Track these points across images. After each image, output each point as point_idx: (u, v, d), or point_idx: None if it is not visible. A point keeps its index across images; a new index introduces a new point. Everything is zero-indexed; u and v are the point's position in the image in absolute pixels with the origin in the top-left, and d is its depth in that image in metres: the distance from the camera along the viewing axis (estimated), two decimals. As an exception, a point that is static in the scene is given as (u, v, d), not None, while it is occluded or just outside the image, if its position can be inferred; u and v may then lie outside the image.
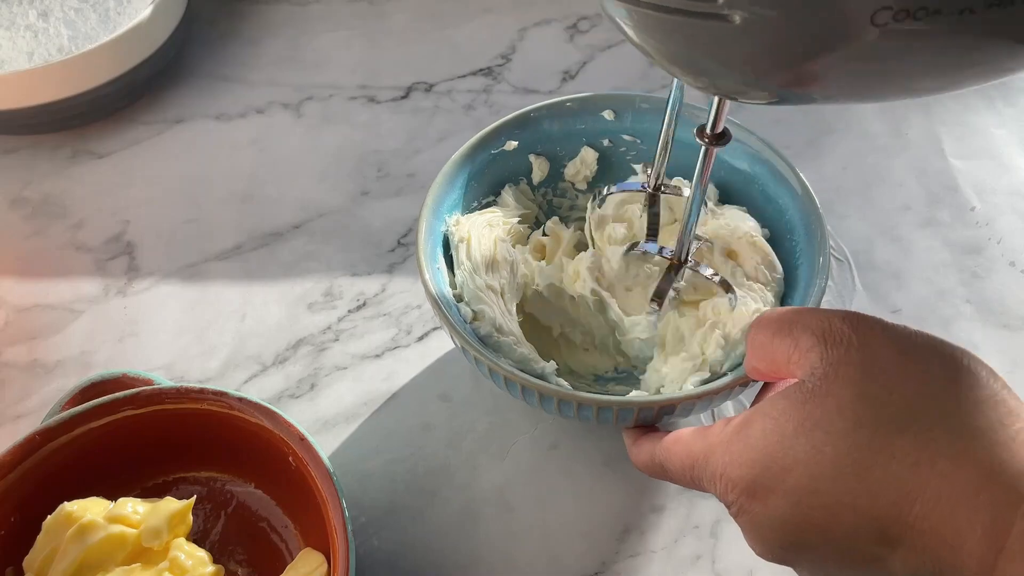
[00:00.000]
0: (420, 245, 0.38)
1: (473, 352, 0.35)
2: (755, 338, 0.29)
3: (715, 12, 0.21)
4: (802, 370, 0.26)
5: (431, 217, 0.39)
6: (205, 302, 0.49)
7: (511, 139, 0.43)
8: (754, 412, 0.26)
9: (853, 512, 0.23)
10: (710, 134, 0.31)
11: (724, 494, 0.27)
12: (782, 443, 0.25)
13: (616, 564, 0.39)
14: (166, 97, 0.61)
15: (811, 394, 0.25)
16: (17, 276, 0.51)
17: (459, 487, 0.41)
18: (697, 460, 0.28)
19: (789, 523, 0.25)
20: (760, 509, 0.25)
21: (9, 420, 0.44)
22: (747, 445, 0.26)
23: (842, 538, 0.24)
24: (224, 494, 0.39)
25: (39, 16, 0.58)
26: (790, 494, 0.24)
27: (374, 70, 0.62)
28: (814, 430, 0.24)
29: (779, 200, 0.41)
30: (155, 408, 0.36)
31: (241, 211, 0.54)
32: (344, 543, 0.32)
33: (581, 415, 0.35)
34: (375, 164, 0.56)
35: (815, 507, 0.24)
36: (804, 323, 0.27)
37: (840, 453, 0.24)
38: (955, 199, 0.53)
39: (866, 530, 0.23)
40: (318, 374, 0.46)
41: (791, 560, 0.26)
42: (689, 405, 0.34)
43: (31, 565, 0.33)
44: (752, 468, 0.25)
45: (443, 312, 0.36)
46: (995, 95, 0.59)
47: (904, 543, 0.23)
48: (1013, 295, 0.48)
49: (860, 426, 0.24)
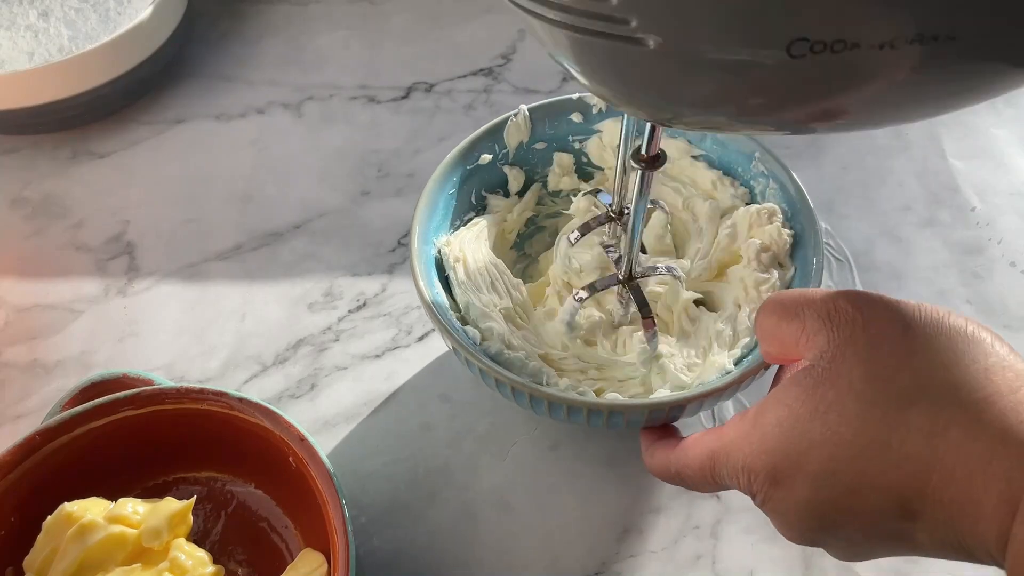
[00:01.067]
0: (416, 271, 0.37)
1: (478, 364, 0.35)
2: (763, 324, 0.29)
3: (629, 35, 0.21)
4: (811, 352, 0.26)
5: (421, 244, 0.39)
6: (205, 302, 0.49)
7: (485, 152, 0.43)
8: (768, 401, 0.27)
9: (874, 490, 0.24)
10: (645, 157, 0.31)
11: (748, 485, 0.27)
12: (798, 428, 0.25)
13: (616, 564, 0.39)
14: (166, 97, 0.61)
15: (822, 377, 0.25)
16: (17, 276, 0.51)
17: (459, 487, 0.41)
18: (718, 458, 0.28)
19: (814, 506, 0.25)
20: (785, 495, 0.26)
21: (9, 420, 0.44)
22: (764, 434, 0.26)
23: (867, 516, 0.24)
24: (224, 494, 0.39)
25: (39, 16, 0.58)
26: (812, 478, 0.25)
27: (374, 70, 0.62)
28: (828, 412, 0.25)
29: (758, 182, 0.41)
30: (155, 408, 0.36)
31: (241, 211, 0.54)
32: (344, 543, 0.32)
33: (591, 422, 0.35)
34: (375, 164, 0.56)
35: (837, 488, 0.24)
36: (810, 305, 0.27)
37: (856, 433, 0.24)
38: (955, 199, 0.53)
39: (889, 506, 0.24)
40: (318, 374, 0.46)
41: (821, 541, 0.27)
42: (698, 404, 0.34)
43: (31, 565, 0.33)
44: (772, 456, 0.26)
45: (440, 321, 0.36)
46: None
47: (926, 515, 0.23)
48: (1014, 295, 0.48)
49: (873, 404, 0.24)
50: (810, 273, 0.37)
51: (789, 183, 0.39)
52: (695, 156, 0.43)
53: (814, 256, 0.37)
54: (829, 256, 0.50)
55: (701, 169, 0.43)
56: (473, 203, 0.44)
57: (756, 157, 0.41)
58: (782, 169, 0.40)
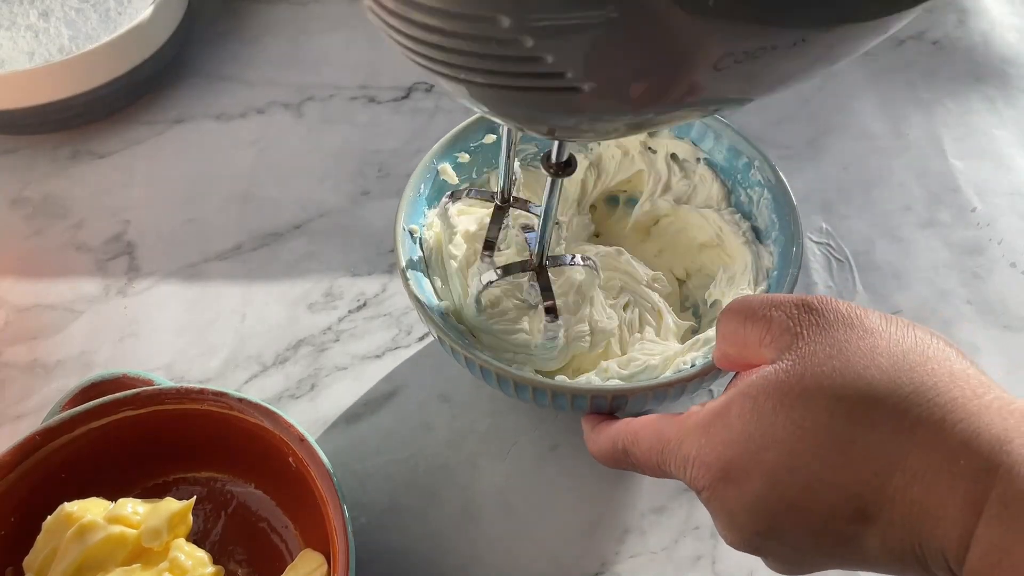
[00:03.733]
0: (406, 275, 0.38)
1: (450, 343, 0.36)
2: (726, 325, 0.29)
3: (567, 86, 0.21)
4: (775, 352, 0.26)
5: (408, 212, 0.40)
6: (205, 302, 0.49)
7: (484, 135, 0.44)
8: (732, 394, 0.26)
9: (831, 488, 0.24)
10: (555, 164, 0.31)
11: (696, 479, 0.27)
12: (760, 422, 0.25)
13: (616, 565, 0.39)
14: (166, 97, 0.61)
15: (788, 372, 0.25)
16: (17, 276, 0.51)
17: (459, 487, 0.41)
18: (669, 444, 0.28)
19: (764, 505, 0.25)
20: (734, 493, 0.25)
21: (9, 420, 0.44)
22: (725, 426, 0.26)
23: (818, 517, 0.24)
24: (224, 494, 0.39)
25: (40, 16, 0.58)
26: (767, 474, 0.24)
27: (375, 70, 0.62)
28: (792, 408, 0.24)
29: (754, 191, 0.42)
30: (155, 408, 0.36)
31: (241, 211, 0.54)
32: (344, 543, 0.32)
33: (558, 403, 0.35)
34: (376, 164, 0.56)
35: (793, 486, 0.24)
36: (777, 307, 0.27)
37: (820, 426, 0.24)
38: (956, 200, 0.53)
39: (843, 507, 0.23)
40: (318, 374, 0.46)
41: (762, 547, 0.26)
42: (644, 396, 0.34)
43: (31, 565, 0.33)
44: (729, 448, 0.25)
45: (423, 307, 0.37)
46: (996, 96, 0.58)
47: (882, 518, 0.23)
48: (1014, 296, 0.48)
49: (840, 400, 0.24)
50: (783, 288, 0.37)
51: (782, 196, 0.39)
52: (698, 159, 0.44)
53: (792, 268, 0.37)
54: (829, 256, 0.50)
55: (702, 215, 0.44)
56: (474, 178, 0.45)
57: (755, 165, 0.41)
58: (778, 181, 0.40)
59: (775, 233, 0.40)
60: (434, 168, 0.42)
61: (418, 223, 0.41)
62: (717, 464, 0.26)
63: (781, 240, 0.39)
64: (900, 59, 0.61)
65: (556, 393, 0.34)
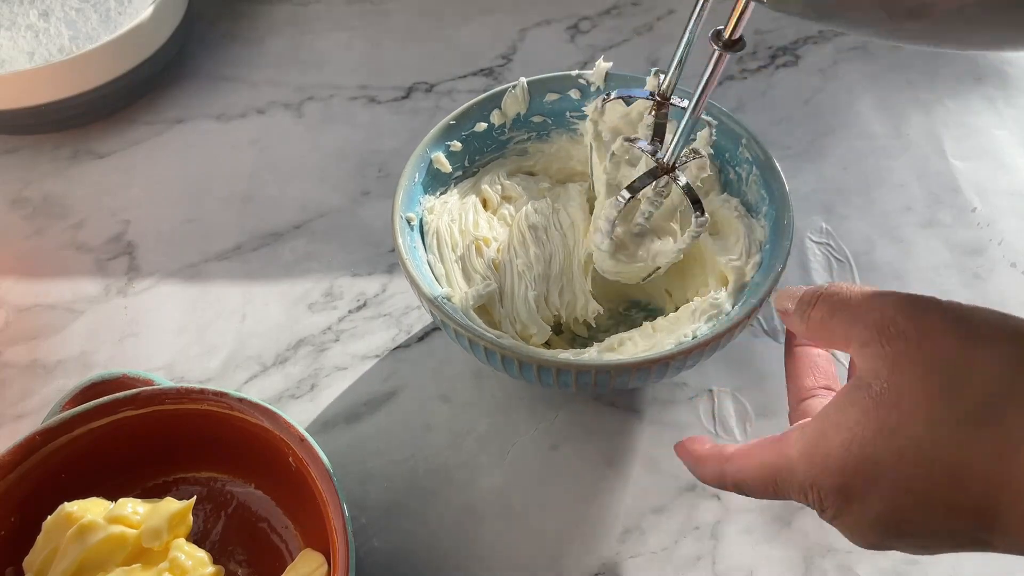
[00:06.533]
0: (406, 263, 0.39)
1: (453, 325, 0.36)
2: (813, 315, 0.29)
3: None
4: (862, 364, 0.26)
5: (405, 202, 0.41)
6: (205, 302, 0.49)
7: (480, 121, 0.45)
8: (825, 422, 0.27)
9: (946, 506, 0.24)
10: (726, 39, 0.30)
11: (818, 502, 0.27)
12: (863, 451, 0.25)
13: (616, 565, 0.39)
14: (166, 97, 0.61)
15: (880, 399, 0.25)
16: (17, 276, 0.51)
17: (459, 487, 0.41)
18: (780, 473, 0.28)
19: (888, 520, 0.25)
20: (858, 510, 0.26)
21: (9, 420, 0.44)
22: (829, 455, 0.26)
23: (941, 528, 0.25)
24: (224, 494, 0.39)
25: (40, 16, 0.58)
26: (884, 497, 0.25)
27: (375, 70, 0.62)
28: (892, 436, 0.25)
29: (743, 167, 0.42)
30: (155, 408, 0.36)
31: (241, 211, 0.54)
32: (344, 543, 0.32)
33: (561, 381, 0.36)
34: (376, 164, 0.56)
35: (910, 506, 0.25)
36: (862, 312, 0.27)
37: (923, 454, 0.24)
38: (956, 200, 0.53)
39: (962, 521, 0.24)
40: (318, 374, 0.46)
41: (896, 546, 0.27)
42: (645, 369, 0.34)
43: (31, 565, 0.33)
44: (841, 476, 0.26)
45: (418, 287, 0.37)
46: (996, 96, 0.58)
47: (998, 529, 0.24)
48: (1014, 296, 0.48)
49: (938, 424, 0.24)
50: (781, 257, 0.37)
51: (769, 171, 0.40)
52: None
53: (785, 241, 0.38)
54: (829, 256, 0.50)
55: None
56: (466, 166, 0.45)
57: (743, 143, 0.42)
58: (766, 157, 0.40)
59: (765, 207, 0.40)
60: (427, 157, 0.43)
61: (414, 211, 0.42)
62: (833, 491, 0.26)
63: (771, 214, 0.40)
64: (900, 59, 0.61)
65: (560, 370, 0.35)
